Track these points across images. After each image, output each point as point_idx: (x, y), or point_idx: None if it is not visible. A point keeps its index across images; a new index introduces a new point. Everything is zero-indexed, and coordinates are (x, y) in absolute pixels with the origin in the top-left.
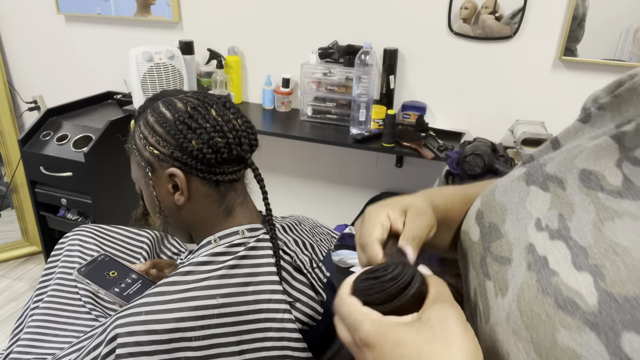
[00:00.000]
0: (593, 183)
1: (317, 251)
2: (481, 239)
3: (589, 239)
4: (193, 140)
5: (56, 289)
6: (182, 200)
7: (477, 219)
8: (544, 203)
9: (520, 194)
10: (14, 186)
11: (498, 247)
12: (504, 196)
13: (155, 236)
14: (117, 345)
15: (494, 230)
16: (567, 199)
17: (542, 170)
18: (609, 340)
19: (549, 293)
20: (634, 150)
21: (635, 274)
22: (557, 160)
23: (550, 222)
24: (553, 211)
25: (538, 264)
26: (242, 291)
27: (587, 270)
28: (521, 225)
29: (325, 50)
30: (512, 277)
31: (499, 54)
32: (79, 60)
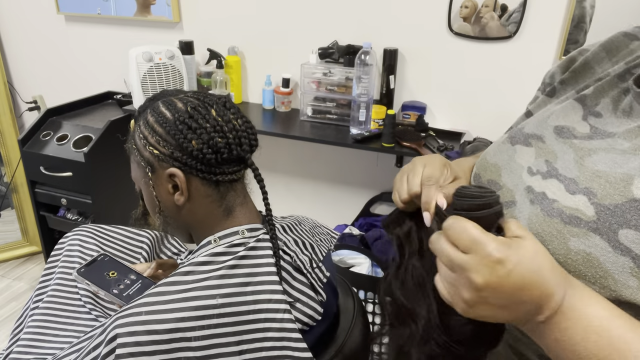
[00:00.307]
0: (567, 134)
1: (317, 251)
2: None
3: (575, 172)
4: (193, 140)
5: (56, 289)
6: (182, 200)
7: (475, 179)
8: (530, 155)
9: (509, 153)
10: (14, 186)
11: (501, 196)
12: (495, 157)
13: (155, 236)
14: (117, 346)
15: (493, 184)
16: (548, 148)
17: (522, 131)
18: (610, 238)
19: (554, 215)
20: (594, 107)
21: (618, 187)
22: (532, 122)
23: (540, 167)
24: (539, 159)
25: (538, 198)
26: (242, 291)
27: (581, 193)
28: (515, 175)
29: (325, 50)
30: (519, 213)
31: (499, 54)
32: (79, 60)
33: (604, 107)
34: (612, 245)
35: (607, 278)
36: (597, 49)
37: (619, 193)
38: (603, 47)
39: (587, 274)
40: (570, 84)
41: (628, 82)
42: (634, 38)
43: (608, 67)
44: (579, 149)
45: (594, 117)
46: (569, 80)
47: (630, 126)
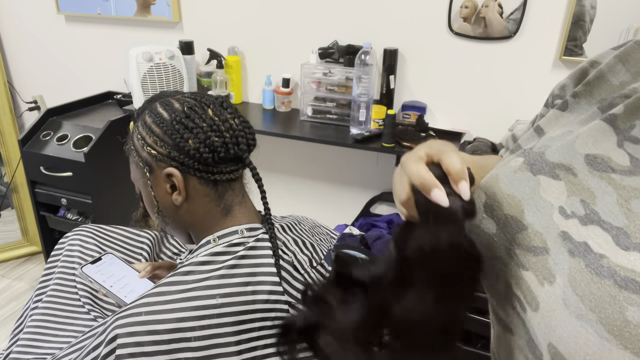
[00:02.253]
0: (602, 166)
1: (318, 250)
2: (501, 231)
3: (622, 219)
4: (190, 139)
5: (55, 289)
6: (180, 200)
7: (486, 211)
8: (560, 191)
9: (531, 185)
10: (14, 186)
11: (526, 238)
12: (512, 188)
13: (156, 236)
14: (117, 346)
15: (513, 222)
16: (582, 184)
17: (544, 158)
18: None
19: (604, 275)
20: (630, 131)
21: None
22: (555, 147)
23: (575, 208)
24: (573, 198)
25: (580, 250)
26: (242, 291)
27: (635, 250)
28: (544, 215)
29: (325, 50)
30: (555, 265)
31: (499, 54)
32: (79, 60)
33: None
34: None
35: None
36: (611, 61)
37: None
38: (618, 59)
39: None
40: (584, 97)
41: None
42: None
43: (627, 79)
44: (621, 187)
45: (631, 144)
46: (582, 94)
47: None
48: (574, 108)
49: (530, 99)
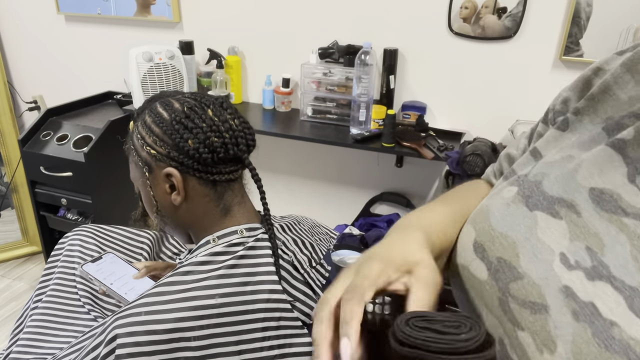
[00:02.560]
0: (611, 205)
1: (317, 250)
2: (492, 278)
3: (638, 277)
4: (189, 139)
5: (55, 288)
6: (179, 200)
7: (476, 251)
8: (561, 233)
9: (526, 223)
10: (14, 186)
11: (521, 290)
12: (505, 225)
13: (156, 236)
14: (116, 346)
15: (507, 267)
16: (588, 227)
17: (540, 189)
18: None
19: (616, 350)
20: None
21: None
22: (554, 176)
23: (580, 257)
24: (577, 243)
25: (586, 312)
26: (241, 291)
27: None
28: (542, 262)
29: (325, 50)
30: (555, 329)
31: (499, 54)
32: (79, 60)
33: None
34: None
35: None
36: (618, 70)
37: None
38: (626, 68)
39: None
40: (587, 114)
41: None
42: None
43: (638, 94)
44: (636, 236)
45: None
46: (585, 110)
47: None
48: (576, 127)
49: (531, 99)
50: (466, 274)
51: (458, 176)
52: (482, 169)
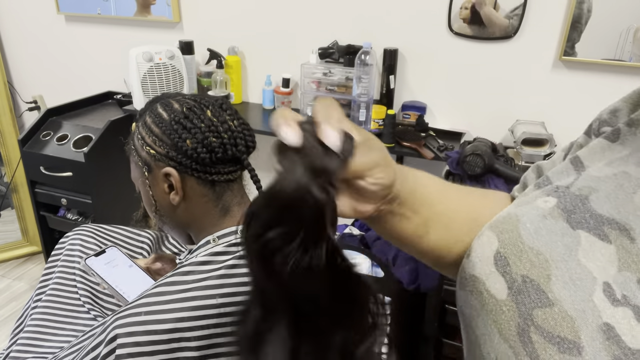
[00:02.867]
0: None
1: None
2: (513, 300)
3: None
4: (188, 139)
5: (55, 288)
6: (177, 200)
7: (497, 264)
8: (608, 260)
9: (566, 242)
10: (14, 186)
11: (549, 320)
12: (538, 240)
13: (156, 236)
14: (117, 346)
15: (533, 290)
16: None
17: (587, 206)
18: None
19: None
20: None
21: None
22: (605, 193)
23: (629, 292)
24: (627, 274)
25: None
26: (241, 291)
27: None
28: (581, 290)
29: (325, 50)
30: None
31: (499, 54)
32: (79, 60)
33: None
34: None
35: None
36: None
37: None
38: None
39: None
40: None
41: None
42: None
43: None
44: None
45: None
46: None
47: None
48: (628, 140)
49: (531, 99)
50: (480, 288)
51: (458, 176)
52: (482, 169)
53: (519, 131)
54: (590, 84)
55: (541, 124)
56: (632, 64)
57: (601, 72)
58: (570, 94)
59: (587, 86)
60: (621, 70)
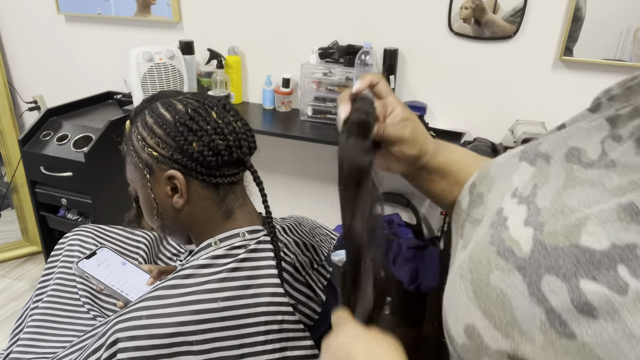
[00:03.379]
0: (574, 157)
1: (319, 251)
2: (468, 207)
3: (547, 201)
4: (194, 142)
5: (55, 288)
6: (181, 203)
7: (470, 189)
8: (527, 175)
9: (511, 168)
10: (14, 186)
11: (477, 212)
12: (498, 169)
13: (155, 237)
14: (117, 350)
15: (479, 199)
16: (547, 171)
17: (536, 148)
18: (531, 281)
19: (494, 243)
20: (619, 130)
21: (568, 228)
22: (553, 139)
23: (524, 190)
24: (531, 182)
25: (498, 223)
26: (243, 294)
27: (532, 226)
28: (500, 193)
29: (325, 50)
30: (476, 234)
31: (499, 54)
32: (79, 60)
33: (627, 130)
34: (530, 291)
35: (514, 327)
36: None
37: (566, 234)
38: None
39: (495, 315)
40: (619, 100)
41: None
42: None
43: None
44: (571, 177)
45: (611, 141)
46: (619, 97)
47: (635, 162)
48: (603, 110)
49: (531, 99)
50: (457, 206)
51: None
52: None
53: (519, 131)
54: (590, 84)
55: (541, 124)
56: (632, 64)
57: (601, 72)
58: (570, 94)
59: (587, 86)
60: (621, 70)
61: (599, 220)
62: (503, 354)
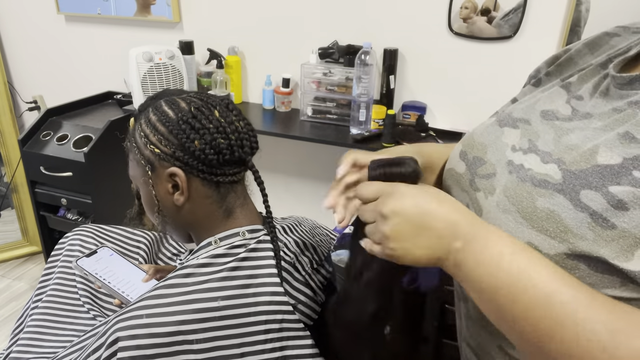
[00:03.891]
0: (550, 116)
1: (319, 251)
2: (468, 169)
3: (551, 147)
4: (196, 140)
5: (56, 288)
6: (181, 200)
7: (460, 156)
8: (515, 136)
9: (496, 134)
10: (14, 186)
11: (483, 170)
12: (482, 137)
13: (155, 237)
14: (118, 349)
15: (478, 160)
16: (533, 129)
17: (511, 116)
18: (572, 197)
19: (526, 180)
20: (577, 92)
21: (584, 156)
22: (521, 107)
23: (522, 145)
24: (524, 139)
25: (516, 169)
26: (243, 293)
27: (552, 162)
28: (500, 152)
29: (325, 50)
30: (497, 182)
31: (499, 54)
32: (79, 60)
33: (585, 90)
34: (574, 204)
35: (567, 232)
36: (580, 47)
37: (585, 160)
38: (586, 45)
39: (549, 229)
40: (554, 75)
41: (608, 68)
42: (614, 35)
43: (590, 60)
44: (559, 128)
45: (575, 100)
46: (553, 72)
47: (606, 109)
48: (545, 84)
49: None
50: (451, 173)
51: None
52: None
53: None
54: None
55: None
56: None
57: None
58: None
59: None
60: None
61: (606, 146)
62: (561, 255)
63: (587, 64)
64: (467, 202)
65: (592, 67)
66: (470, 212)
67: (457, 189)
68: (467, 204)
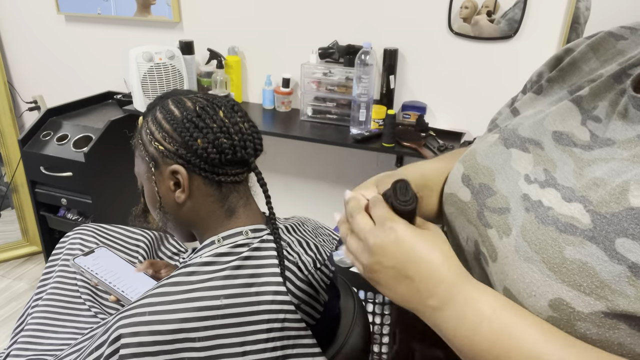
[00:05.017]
0: (566, 140)
1: (322, 251)
2: (474, 198)
3: (573, 181)
4: (199, 139)
5: (56, 286)
6: (182, 198)
7: (464, 181)
8: (527, 162)
9: (503, 156)
10: (14, 186)
11: (494, 202)
12: (487, 160)
13: (155, 236)
14: (120, 346)
15: (485, 189)
16: (547, 156)
17: (516, 134)
18: (606, 247)
19: (548, 223)
20: (592, 111)
21: (614, 195)
22: (527, 124)
23: (538, 176)
24: (538, 167)
25: (534, 206)
26: (246, 292)
27: (577, 201)
28: (511, 181)
29: (325, 50)
30: (513, 220)
31: (500, 54)
32: (79, 60)
33: (602, 110)
34: (609, 255)
35: (604, 288)
36: (584, 49)
37: (615, 201)
38: (590, 47)
39: (582, 284)
40: (557, 82)
41: (625, 83)
42: (620, 38)
43: (596, 67)
44: (579, 159)
45: (592, 122)
46: (556, 79)
47: (630, 135)
48: (548, 92)
49: None
50: (454, 199)
51: None
52: None
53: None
54: None
55: None
56: None
57: None
58: None
59: None
60: None
61: (638, 182)
62: (598, 314)
63: (596, 74)
64: (476, 238)
65: (603, 79)
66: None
67: (462, 220)
68: (475, 240)
